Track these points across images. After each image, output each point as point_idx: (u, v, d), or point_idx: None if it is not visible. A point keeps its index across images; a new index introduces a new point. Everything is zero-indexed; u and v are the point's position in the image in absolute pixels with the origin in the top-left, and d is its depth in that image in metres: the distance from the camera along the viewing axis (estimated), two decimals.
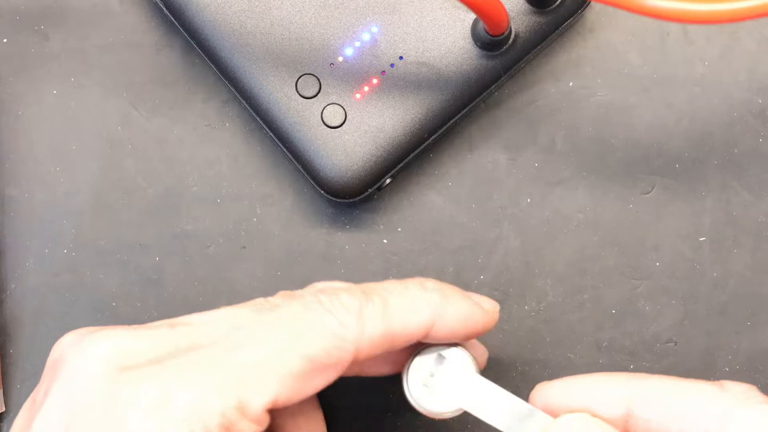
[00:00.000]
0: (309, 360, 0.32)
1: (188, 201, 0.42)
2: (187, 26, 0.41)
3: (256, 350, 0.32)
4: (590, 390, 0.34)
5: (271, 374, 0.31)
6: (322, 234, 0.42)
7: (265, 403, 0.31)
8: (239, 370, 0.31)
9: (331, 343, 0.32)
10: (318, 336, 0.32)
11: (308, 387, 0.32)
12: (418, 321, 0.34)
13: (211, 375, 0.31)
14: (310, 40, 0.40)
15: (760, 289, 0.42)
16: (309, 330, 0.32)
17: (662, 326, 0.42)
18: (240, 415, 0.31)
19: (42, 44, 0.43)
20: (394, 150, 0.40)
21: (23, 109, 0.42)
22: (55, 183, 0.42)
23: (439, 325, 0.34)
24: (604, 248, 0.42)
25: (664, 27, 0.42)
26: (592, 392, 0.34)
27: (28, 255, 0.42)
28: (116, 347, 0.32)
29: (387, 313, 0.33)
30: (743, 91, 0.42)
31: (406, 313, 0.34)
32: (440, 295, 0.35)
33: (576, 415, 0.33)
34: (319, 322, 0.32)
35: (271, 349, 0.32)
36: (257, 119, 0.41)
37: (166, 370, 0.31)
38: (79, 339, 0.33)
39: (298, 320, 0.32)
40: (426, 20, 0.40)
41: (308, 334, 0.32)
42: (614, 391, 0.33)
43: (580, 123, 0.42)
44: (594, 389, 0.34)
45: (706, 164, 0.42)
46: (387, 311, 0.33)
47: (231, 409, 0.31)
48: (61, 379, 0.32)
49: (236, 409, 0.31)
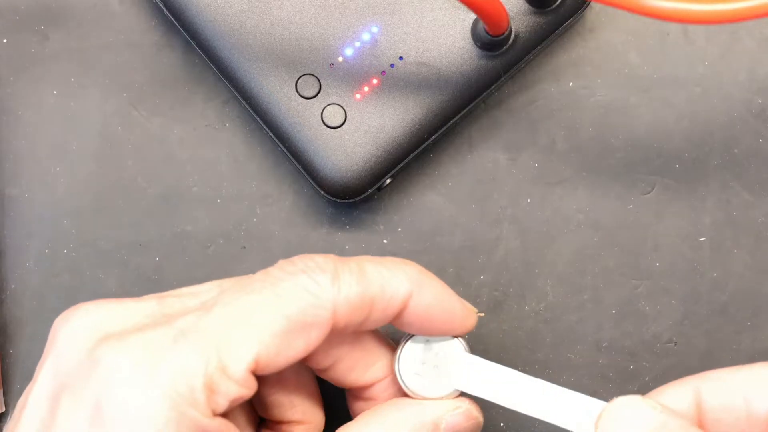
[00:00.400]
0: (286, 318, 0.32)
1: (188, 201, 0.42)
2: (187, 26, 0.41)
3: (235, 312, 0.32)
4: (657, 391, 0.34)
5: (250, 334, 0.32)
6: (322, 234, 0.42)
7: (247, 363, 0.32)
8: (219, 331, 0.32)
9: (306, 301, 0.32)
10: (293, 295, 0.33)
11: (289, 348, 0.32)
12: (395, 288, 0.34)
13: (192, 338, 0.32)
14: (310, 40, 0.40)
15: (760, 289, 0.42)
16: (285, 290, 0.33)
17: (662, 326, 0.42)
18: (223, 375, 0.31)
19: (42, 44, 0.43)
20: (394, 150, 0.40)
21: (23, 109, 0.42)
22: (55, 183, 0.42)
23: (416, 300, 0.34)
24: (604, 248, 0.42)
25: (664, 27, 0.42)
26: (658, 391, 0.34)
27: (28, 255, 0.42)
28: (102, 317, 0.33)
29: (363, 277, 0.34)
30: (743, 91, 0.42)
31: (384, 278, 0.34)
32: (418, 270, 0.35)
33: (629, 396, 0.33)
34: (294, 281, 0.33)
35: (249, 309, 0.32)
36: (257, 119, 0.41)
37: (148, 335, 0.32)
38: (68, 314, 0.33)
39: (275, 283, 0.33)
40: (426, 20, 0.40)
41: (285, 294, 0.32)
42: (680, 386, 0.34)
43: (580, 123, 0.42)
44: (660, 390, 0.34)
45: (706, 164, 0.42)
46: (363, 274, 0.34)
47: (213, 369, 0.31)
48: (50, 353, 0.33)
49: (218, 369, 0.31)
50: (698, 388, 0.34)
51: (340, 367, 0.36)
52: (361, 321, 0.34)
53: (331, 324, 0.33)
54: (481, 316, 0.40)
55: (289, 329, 0.32)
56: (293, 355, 0.33)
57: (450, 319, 0.36)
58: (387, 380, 0.36)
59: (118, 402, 0.31)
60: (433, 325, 0.35)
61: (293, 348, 0.33)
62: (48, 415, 0.32)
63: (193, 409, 0.31)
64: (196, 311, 0.33)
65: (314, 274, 0.33)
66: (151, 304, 0.34)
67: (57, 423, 0.31)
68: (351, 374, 0.36)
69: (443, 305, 0.35)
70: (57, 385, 0.32)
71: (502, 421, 0.41)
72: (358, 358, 0.36)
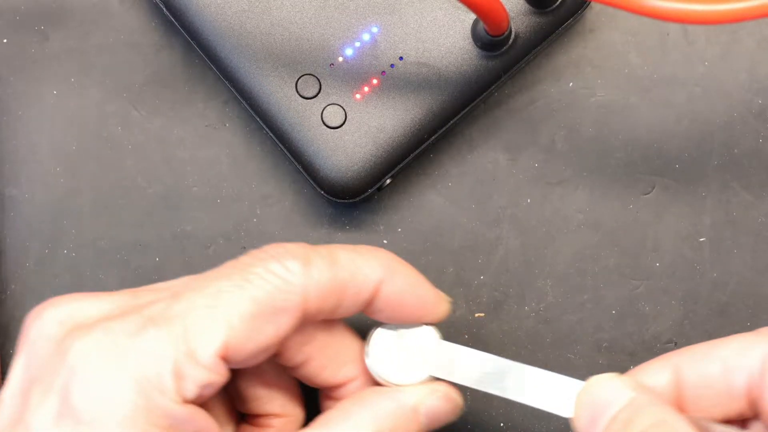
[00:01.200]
0: (254, 302, 0.32)
1: (188, 201, 0.42)
2: (187, 26, 0.41)
3: (203, 297, 0.32)
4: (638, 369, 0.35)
5: (218, 319, 0.32)
6: (322, 234, 0.42)
7: (215, 348, 0.31)
8: (187, 316, 0.32)
9: (276, 285, 0.32)
10: (262, 279, 0.32)
11: (259, 333, 0.32)
12: (366, 273, 0.34)
13: (160, 324, 0.31)
14: (310, 40, 0.40)
15: (760, 290, 0.42)
16: (255, 275, 0.32)
17: (662, 326, 0.42)
18: (191, 360, 0.31)
19: (42, 44, 0.43)
20: (394, 150, 0.40)
21: (23, 109, 0.42)
22: (55, 183, 0.42)
23: (388, 286, 0.34)
24: (604, 248, 0.42)
25: (664, 27, 0.42)
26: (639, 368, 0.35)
27: (28, 255, 0.42)
28: (72, 309, 0.33)
29: (335, 262, 0.34)
30: (743, 91, 0.42)
31: (355, 264, 0.34)
32: (390, 256, 0.35)
33: (604, 375, 0.34)
34: (263, 267, 0.33)
35: (217, 294, 0.32)
36: (257, 119, 0.41)
37: (116, 323, 0.32)
38: (41, 308, 0.33)
39: (244, 268, 0.33)
40: (426, 20, 0.40)
41: (254, 279, 0.32)
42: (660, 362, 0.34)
43: (580, 123, 0.42)
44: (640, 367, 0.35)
45: (706, 164, 0.42)
46: (335, 260, 0.34)
47: (181, 354, 0.31)
48: (22, 348, 0.33)
49: (186, 354, 0.31)
50: (678, 365, 0.34)
51: (312, 365, 0.35)
52: (333, 307, 0.34)
53: (301, 309, 0.33)
54: (481, 316, 0.40)
55: (258, 313, 0.32)
56: (264, 341, 0.32)
57: (422, 305, 0.35)
58: (359, 380, 0.36)
59: (86, 390, 0.31)
60: (404, 311, 0.35)
61: (263, 333, 0.32)
62: (19, 409, 0.31)
63: (162, 395, 0.31)
64: (165, 299, 0.32)
65: (285, 259, 0.33)
66: (124, 297, 0.34)
67: (27, 416, 0.31)
68: (323, 373, 0.36)
69: (415, 291, 0.35)
70: (28, 379, 0.32)
71: (502, 421, 0.41)
72: (331, 356, 0.35)
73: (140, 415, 0.30)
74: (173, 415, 0.31)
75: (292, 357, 0.35)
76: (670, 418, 0.32)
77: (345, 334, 0.36)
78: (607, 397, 0.33)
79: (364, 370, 0.36)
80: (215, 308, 0.32)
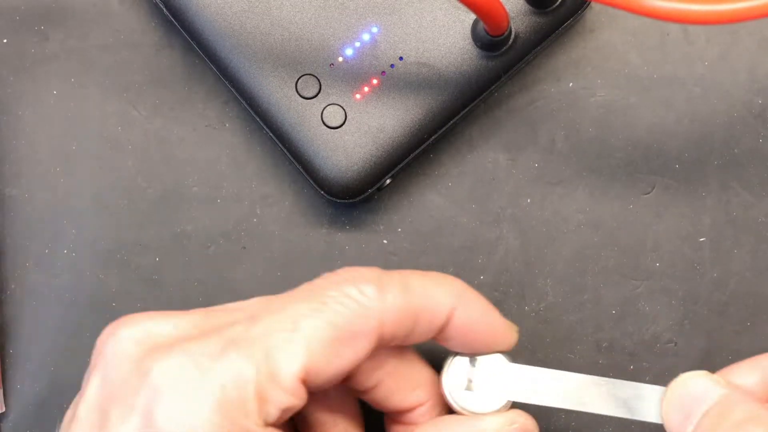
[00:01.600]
0: (333, 326, 0.32)
1: (188, 201, 0.42)
2: (187, 26, 0.41)
3: (283, 320, 0.32)
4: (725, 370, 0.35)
5: (298, 342, 0.32)
6: (322, 234, 0.42)
7: (296, 371, 0.31)
8: (268, 339, 0.32)
9: (353, 310, 0.32)
10: (340, 303, 0.32)
11: (338, 357, 0.32)
12: (439, 300, 0.34)
13: (241, 346, 0.31)
14: (310, 40, 0.40)
15: (760, 289, 0.42)
16: (332, 299, 0.33)
17: (662, 326, 0.42)
18: (273, 383, 0.31)
19: (42, 44, 0.43)
20: (394, 150, 0.40)
21: (23, 109, 0.42)
22: (55, 183, 0.42)
23: (460, 314, 0.34)
24: (604, 248, 0.42)
25: (664, 27, 0.42)
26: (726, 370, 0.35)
27: (28, 255, 0.42)
28: (149, 329, 0.33)
29: (408, 287, 0.34)
30: (743, 91, 0.42)
31: (428, 290, 0.34)
32: (462, 284, 0.35)
33: (694, 372, 0.34)
34: (340, 291, 0.33)
35: (296, 318, 0.32)
36: (257, 119, 0.41)
37: (197, 344, 0.32)
38: (115, 326, 0.33)
39: (321, 292, 0.33)
40: (426, 20, 0.40)
41: (331, 303, 0.32)
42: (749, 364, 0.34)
43: (580, 123, 0.42)
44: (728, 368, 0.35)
45: (706, 164, 0.42)
46: (408, 285, 0.34)
47: (264, 377, 0.31)
48: (99, 365, 0.33)
49: (268, 377, 0.31)
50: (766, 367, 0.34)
51: (383, 389, 0.35)
52: (407, 333, 0.34)
53: (378, 334, 0.33)
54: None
55: (337, 338, 0.32)
56: (343, 365, 0.32)
57: (492, 334, 0.35)
58: (428, 404, 0.36)
59: (170, 411, 0.30)
60: (476, 339, 0.35)
61: (342, 357, 0.32)
62: (98, 426, 0.31)
63: (245, 417, 0.31)
64: (244, 321, 0.32)
65: (360, 283, 0.33)
66: (198, 316, 0.33)
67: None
68: (394, 397, 0.36)
69: (486, 320, 0.35)
70: (106, 396, 0.32)
71: None
72: (402, 380, 0.35)
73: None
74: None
75: (363, 381, 0.35)
76: (763, 414, 0.32)
77: (415, 360, 0.36)
78: (699, 394, 0.33)
79: (433, 395, 0.36)
80: (295, 332, 0.32)
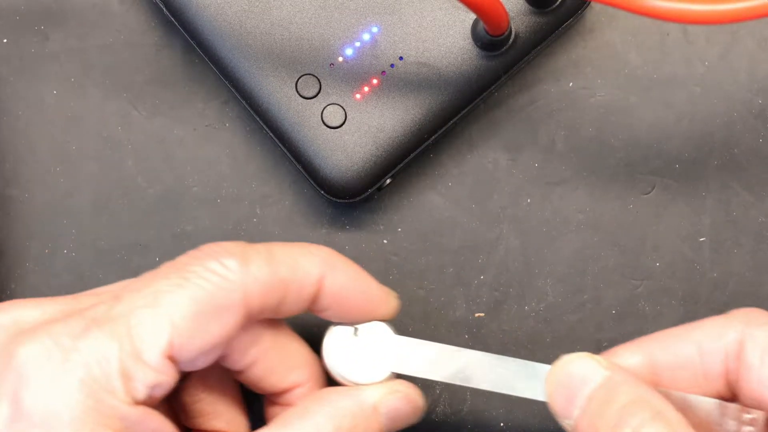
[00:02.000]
0: (196, 301, 0.32)
1: (188, 201, 0.42)
2: (187, 26, 0.41)
3: (145, 297, 0.32)
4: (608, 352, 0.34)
5: (161, 318, 0.32)
6: (322, 234, 0.42)
7: (160, 347, 0.31)
8: (130, 317, 0.32)
9: (215, 283, 0.32)
10: (202, 278, 0.32)
11: (204, 332, 0.32)
12: (306, 269, 0.34)
13: (104, 324, 0.31)
14: (310, 40, 0.40)
15: (760, 290, 0.42)
16: (194, 274, 0.33)
17: (662, 326, 0.41)
18: (138, 360, 0.31)
19: (42, 44, 0.43)
20: (394, 150, 0.40)
21: (23, 109, 0.42)
22: (55, 183, 0.42)
23: (330, 282, 0.34)
24: (604, 248, 0.42)
25: (664, 27, 0.42)
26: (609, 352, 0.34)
27: (28, 255, 0.42)
28: (16, 316, 0.33)
29: (272, 258, 0.34)
30: (743, 91, 0.42)
31: (293, 259, 0.34)
32: (329, 252, 0.35)
33: (575, 353, 0.33)
34: (202, 266, 0.33)
35: (158, 294, 0.32)
36: (257, 119, 0.41)
37: (59, 327, 0.32)
38: None
39: (182, 268, 0.33)
40: (426, 20, 0.40)
41: (193, 278, 0.32)
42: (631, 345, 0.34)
43: (580, 123, 0.42)
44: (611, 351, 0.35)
45: (706, 164, 0.42)
46: (272, 256, 0.34)
47: (127, 354, 0.31)
48: None
49: (132, 354, 0.31)
50: (650, 347, 0.34)
51: (259, 368, 0.35)
52: (276, 304, 0.34)
53: (244, 306, 0.33)
54: (481, 316, 0.40)
55: (201, 312, 0.32)
56: (210, 339, 0.32)
57: (368, 301, 0.35)
58: (307, 386, 0.36)
59: (35, 393, 0.31)
60: (351, 308, 0.35)
61: (209, 332, 0.32)
62: None
63: (111, 396, 0.31)
64: (107, 302, 0.33)
65: (222, 257, 0.33)
66: (66, 301, 0.34)
67: None
68: (271, 377, 0.35)
69: (359, 287, 0.35)
70: None
71: (502, 421, 0.41)
72: (278, 359, 0.35)
73: (90, 415, 0.30)
74: (125, 416, 0.31)
75: (238, 359, 0.35)
76: (647, 395, 0.32)
77: (292, 339, 0.36)
78: (581, 376, 0.33)
79: (312, 377, 0.36)
80: (156, 308, 0.32)
